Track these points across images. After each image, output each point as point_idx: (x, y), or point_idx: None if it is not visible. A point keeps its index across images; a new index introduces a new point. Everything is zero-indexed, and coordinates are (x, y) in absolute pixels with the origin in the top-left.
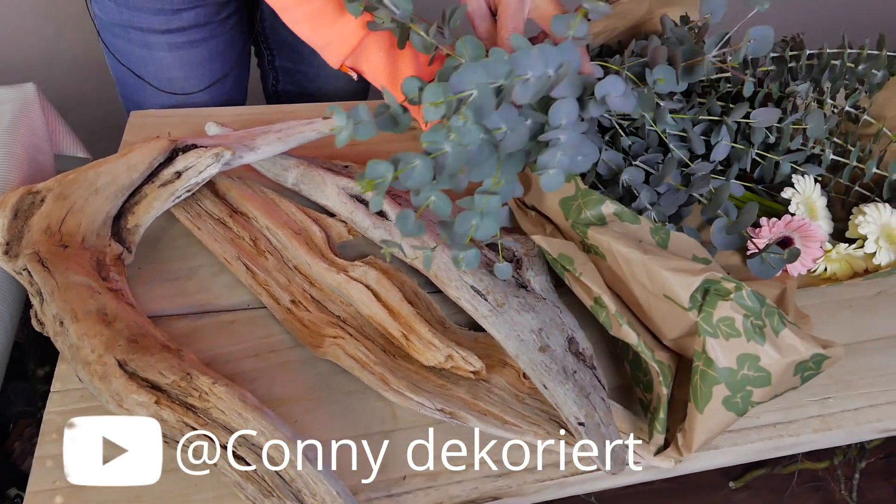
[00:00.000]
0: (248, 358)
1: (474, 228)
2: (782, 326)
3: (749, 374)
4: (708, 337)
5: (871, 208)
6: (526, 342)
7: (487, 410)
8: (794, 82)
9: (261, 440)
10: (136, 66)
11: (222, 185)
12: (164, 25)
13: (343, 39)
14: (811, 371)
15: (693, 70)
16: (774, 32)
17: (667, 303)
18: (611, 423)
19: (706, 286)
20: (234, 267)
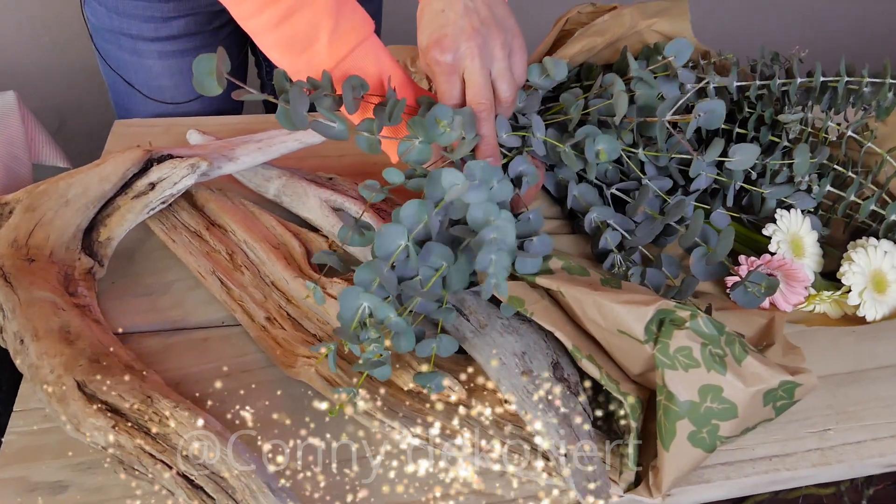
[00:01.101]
0: (220, 378)
1: (435, 349)
2: (745, 354)
3: (713, 406)
4: (666, 369)
5: (860, 254)
6: (508, 366)
7: (465, 437)
8: (787, 107)
9: (221, 468)
10: (126, 73)
11: (201, 196)
12: (154, 33)
13: (311, 69)
14: (784, 400)
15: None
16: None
17: (623, 338)
18: (594, 454)
19: (661, 316)
20: (209, 282)
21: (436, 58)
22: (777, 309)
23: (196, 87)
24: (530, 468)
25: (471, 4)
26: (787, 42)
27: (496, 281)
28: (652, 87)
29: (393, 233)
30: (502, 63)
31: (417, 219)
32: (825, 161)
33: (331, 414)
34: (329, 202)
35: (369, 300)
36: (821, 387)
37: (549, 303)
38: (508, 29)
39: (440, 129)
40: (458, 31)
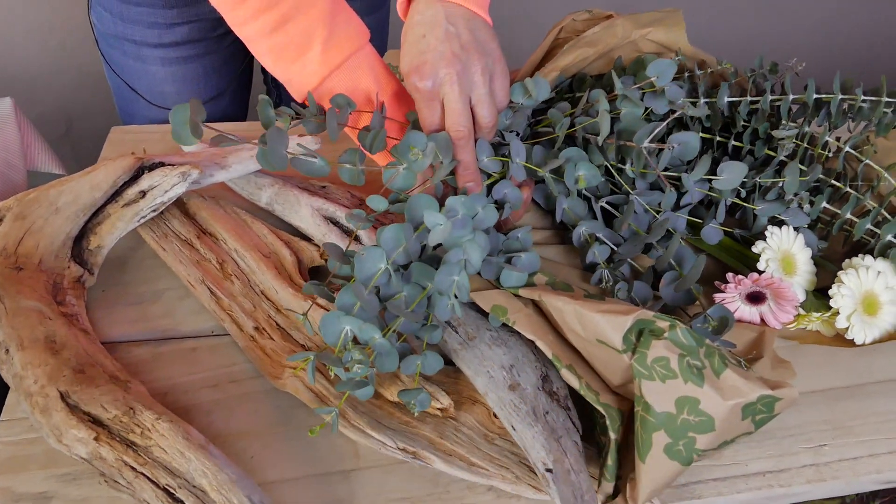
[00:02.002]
0: (207, 388)
1: (420, 367)
2: (724, 367)
3: (690, 418)
4: (644, 380)
5: (851, 276)
6: (496, 379)
7: (453, 451)
8: (782, 124)
9: (202, 482)
10: (129, 78)
11: (193, 204)
12: (157, 39)
13: (303, 79)
14: (763, 414)
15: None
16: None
17: (602, 348)
18: (582, 469)
19: (640, 326)
20: (198, 290)
21: (415, 84)
22: (765, 324)
23: (174, 138)
24: (519, 483)
25: (452, 29)
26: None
27: (453, 302)
28: (637, 106)
29: (373, 257)
30: (482, 89)
31: (397, 243)
32: (822, 176)
33: (311, 433)
34: (321, 211)
35: (351, 323)
36: (817, 401)
37: (532, 311)
38: (489, 53)
39: (413, 156)
40: (437, 57)
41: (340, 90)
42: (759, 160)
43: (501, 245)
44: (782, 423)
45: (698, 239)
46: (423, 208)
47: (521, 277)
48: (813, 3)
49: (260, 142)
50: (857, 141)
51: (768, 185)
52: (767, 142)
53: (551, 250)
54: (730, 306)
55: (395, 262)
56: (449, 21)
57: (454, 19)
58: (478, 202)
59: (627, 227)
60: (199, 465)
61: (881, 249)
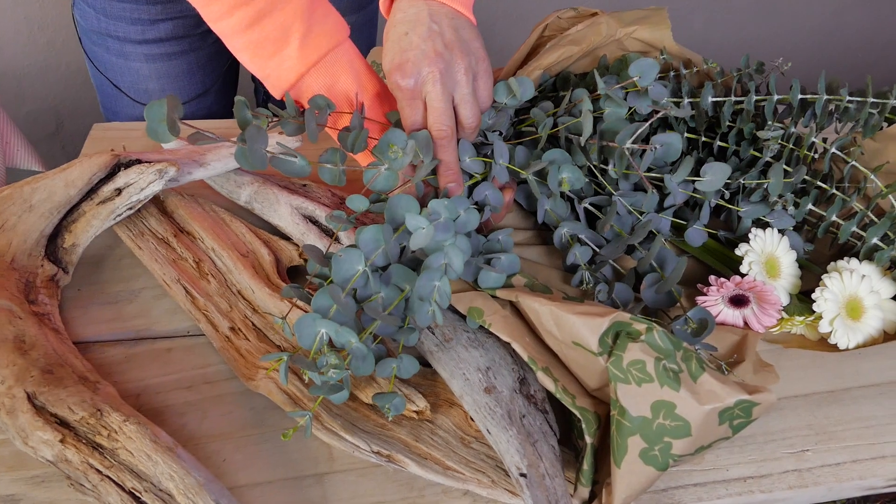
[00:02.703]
0: (181, 389)
1: (395, 370)
2: (701, 371)
3: (665, 423)
4: (619, 383)
5: (835, 280)
6: (471, 381)
7: (429, 454)
8: (767, 124)
9: (169, 485)
10: (113, 76)
11: (171, 202)
12: (141, 36)
13: (281, 74)
14: (741, 419)
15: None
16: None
17: (578, 351)
18: (558, 474)
19: (617, 328)
20: (174, 290)
21: (397, 83)
22: (749, 328)
23: (149, 135)
24: (495, 487)
25: (435, 28)
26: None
27: (433, 308)
28: (620, 107)
29: (351, 259)
30: (465, 88)
31: (376, 244)
32: (808, 178)
33: (284, 437)
34: (300, 210)
35: (327, 326)
36: (800, 406)
37: (509, 313)
38: (473, 52)
39: (392, 154)
40: (420, 56)
41: (318, 86)
42: (744, 161)
43: (482, 247)
44: (765, 427)
45: (683, 241)
46: (403, 209)
47: (500, 278)
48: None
49: (239, 140)
50: (843, 142)
51: (753, 186)
52: (753, 142)
53: (532, 251)
54: (712, 309)
55: (373, 264)
56: (432, 19)
57: (438, 17)
58: (460, 205)
59: (610, 228)
60: (165, 469)
61: (867, 252)
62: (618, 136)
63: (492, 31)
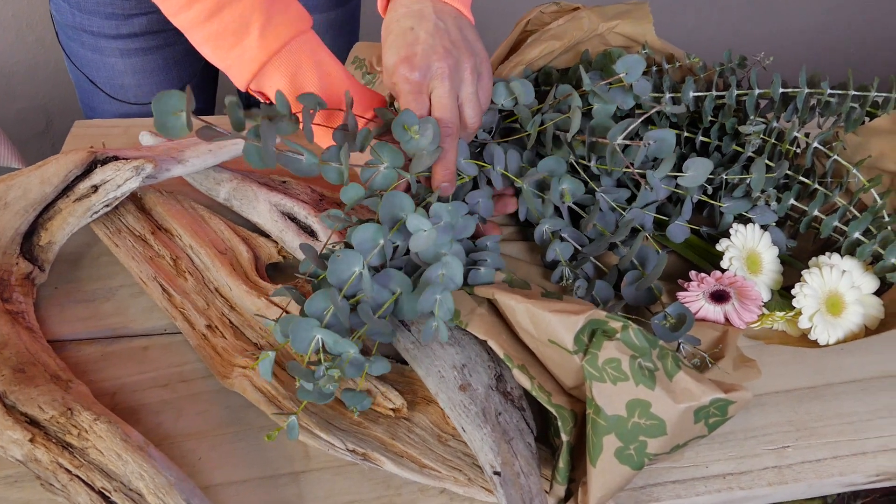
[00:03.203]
0: (157, 388)
1: (366, 369)
2: (677, 369)
3: (641, 422)
4: (594, 381)
5: (814, 275)
6: (446, 379)
7: (405, 452)
8: (749, 119)
9: (139, 484)
10: (89, 71)
11: (149, 199)
12: (115, 30)
13: (242, 65)
14: (716, 417)
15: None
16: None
17: (554, 349)
18: (533, 472)
19: (592, 326)
20: (150, 288)
21: (404, 75)
22: (730, 324)
23: (158, 129)
24: (471, 485)
25: (441, 25)
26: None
27: (437, 324)
28: (609, 103)
29: (349, 259)
30: (470, 87)
31: (373, 243)
32: (791, 173)
33: (268, 438)
34: (279, 206)
35: (325, 335)
36: (782, 402)
37: (485, 310)
38: (477, 53)
39: (408, 136)
40: (429, 50)
41: (280, 76)
42: (727, 156)
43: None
44: (745, 423)
45: (666, 237)
46: (398, 208)
47: (490, 275)
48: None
49: (251, 136)
50: (825, 137)
51: (735, 181)
52: (735, 137)
53: (514, 247)
54: (693, 305)
55: (369, 265)
56: (438, 16)
57: (443, 16)
58: (460, 210)
59: (593, 227)
60: (136, 468)
61: (848, 247)
62: (609, 133)
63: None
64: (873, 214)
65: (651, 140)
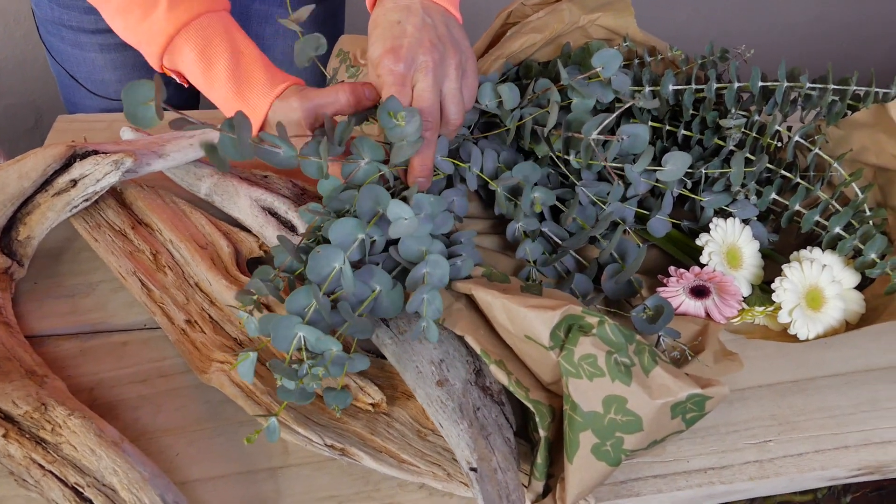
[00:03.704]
0: (136, 383)
1: (346, 367)
2: (654, 365)
3: (617, 418)
4: (571, 377)
5: (795, 270)
6: (424, 374)
7: (384, 447)
8: (730, 113)
9: (112, 480)
10: (69, 66)
11: (129, 193)
12: (94, 25)
13: (151, 38)
14: (694, 413)
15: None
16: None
17: (531, 345)
18: (511, 468)
19: (569, 322)
20: (129, 282)
21: (389, 66)
22: (711, 318)
23: (129, 119)
24: (450, 480)
25: (428, 20)
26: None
27: (426, 324)
28: (587, 97)
29: (329, 255)
30: (454, 83)
31: (352, 238)
32: (771, 166)
33: (247, 441)
34: (259, 201)
35: (308, 332)
36: (764, 396)
37: (463, 305)
38: (464, 51)
39: (394, 123)
40: (415, 43)
41: (190, 49)
42: (708, 150)
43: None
44: (727, 418)
45: (647, 231)
46: (376, 201)
47: (468, 267)
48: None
49: (224, 128)
50: (807, 130)
51: (715, 175)
52: (717, 131)
53: (491, 240)
54: (674, 301)
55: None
56: (426, 12)
57: (430, 12)
58: (438, 206)
59: (573, 221)
60: (109, 463)
61: (830, 242)
62: (584, 127)
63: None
64: (854, 209)
65: (624, 135)
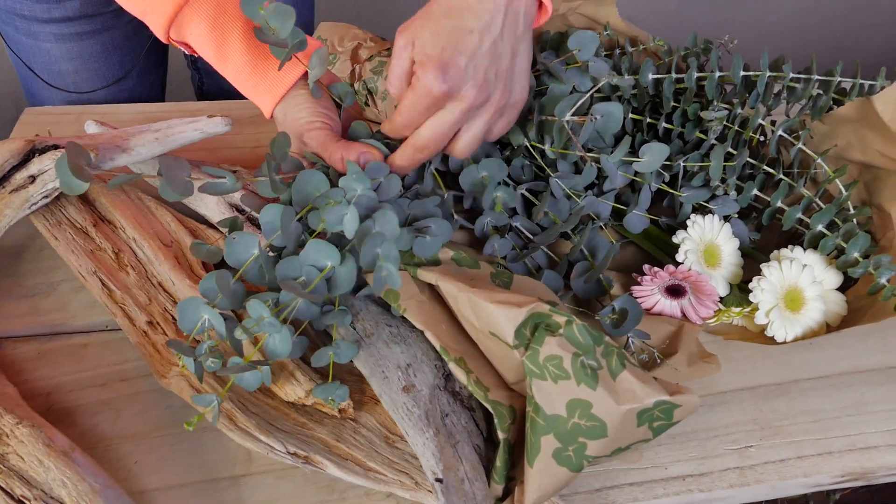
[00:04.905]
0: (95, 387)
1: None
2: (622, 368)
3: (581, 423)
4: (535, 378)
5: (773, 269)
6: (390, 380)
7: (350, 455)
8: (712, 105)
9: (61, 492)
10: (25, 57)
11: (93, 189)
12: (47, 14)
13: (157, 7)
14: (661, 421)
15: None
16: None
17: (495, 342)
18: (479, 477)
19: (535, 320)
20: (90, 283)
21: (430, 82)
22: (688, 319)
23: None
24: (418, 489)
25: (499, 49)
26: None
27: (387, 272)
28: (563, 82)
29: (247, 242)
30: (481, 126)
31: (276, 226)
32: (755, 162)
33: (187, 426)
34: (227, 198)
35: (211, 315)
36: (746, 399)
37: (426, 297)
38: (514, 92)
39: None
40: (469, 72)
41: (200, 20)
42: (689, 143)
43: (408, 212)
44: (708, 422)
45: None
46: (314, 188)
47: (436, 243)
48: None
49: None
50: (791, 124)
51: (695, 170)
52: (698, 124)
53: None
54: (649, 300)
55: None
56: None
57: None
58: (376, 173)
59: (545, 215)
60: (58, 474)
61: (812, 240)
62: (556, 108)
63: None
64: (838, 206)
65: (598, 114)
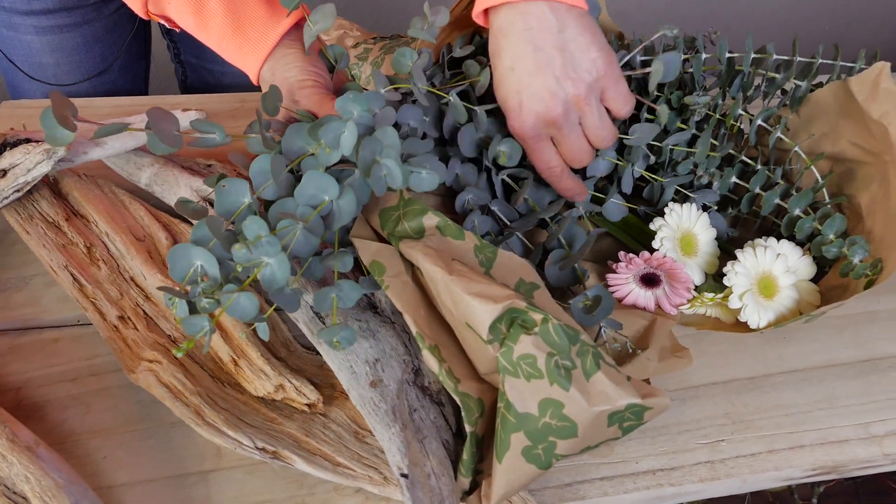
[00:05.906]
0: (65, 382)
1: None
2: (595, 369)
3: (552, 422)
4: (508, 375)
5: (748, 255)
6: (358, 375)
7: (319, 450)
8: (696, 92)
9: (24, 487)
10: (6, 49)
11: (66, 183)
12: (27, 6)
13: None
14: (631, 422)
15: None
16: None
17: (470, 333)
18: (446, 473)
19: (512, 315)
20: (61, 277)
21: (521, 127)
22: (662, 311)
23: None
24: (387, 484)
25: (542, 56)
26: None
27: (387, 171)
28: None
29: (237, 189)
30: (591, 118)
31: (267, 174)
32: (734, 152)
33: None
34: (200, 192)
35: (204, 257)
36: (718, 393)
37: (410, 278)
38: (588, 70)
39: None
40: (533, 99)
41: None
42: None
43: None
44: (679, 417)
45: (603, 217)
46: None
47: (433, 180)
48: None
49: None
50: (770, 114)
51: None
52: (681, 113)
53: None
54: (623, 289)
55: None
56: (535, 43)
57: (542, 37)
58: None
59: (524, 201)
60: (21, 470)
61: (788, 225)
62: None
63: None
64: (815, 191)
65: None
